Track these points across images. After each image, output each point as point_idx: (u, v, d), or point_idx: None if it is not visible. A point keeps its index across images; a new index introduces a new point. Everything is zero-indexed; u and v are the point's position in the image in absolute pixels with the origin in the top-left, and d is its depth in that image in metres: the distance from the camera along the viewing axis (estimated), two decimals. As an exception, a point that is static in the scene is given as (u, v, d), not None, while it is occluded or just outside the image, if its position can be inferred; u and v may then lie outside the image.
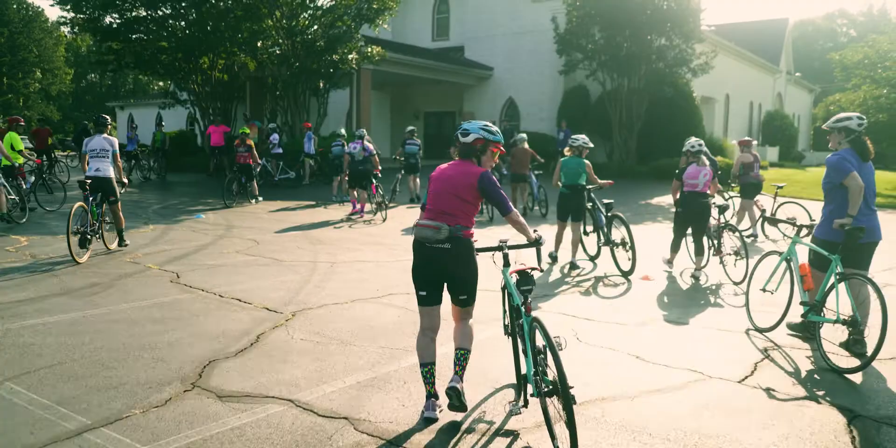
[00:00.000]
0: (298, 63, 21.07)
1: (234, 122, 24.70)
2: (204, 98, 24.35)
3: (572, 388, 3.46)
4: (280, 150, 19.32)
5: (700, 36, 23.30)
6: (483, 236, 7.02)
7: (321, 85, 21.88)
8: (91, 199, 8.82)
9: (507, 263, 4.14)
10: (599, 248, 9.17)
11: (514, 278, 3.96)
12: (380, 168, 13.83)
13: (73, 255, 8.27)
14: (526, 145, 14.63)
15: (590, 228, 9.25)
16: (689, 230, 8.36)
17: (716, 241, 8.40)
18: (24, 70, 76.48)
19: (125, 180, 9.84)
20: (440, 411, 4.02)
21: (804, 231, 5.76)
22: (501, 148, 4.20)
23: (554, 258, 9.15)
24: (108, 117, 9.79)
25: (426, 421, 3.97)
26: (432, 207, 4.05)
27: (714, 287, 7.98)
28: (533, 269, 3.94)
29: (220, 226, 12.04)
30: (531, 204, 14.79)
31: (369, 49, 21.55)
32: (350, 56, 21.17)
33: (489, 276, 5.21)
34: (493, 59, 28.72)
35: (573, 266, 8.86)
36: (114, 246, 9.42)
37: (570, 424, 3.40)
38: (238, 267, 8.39)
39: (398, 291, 7.25)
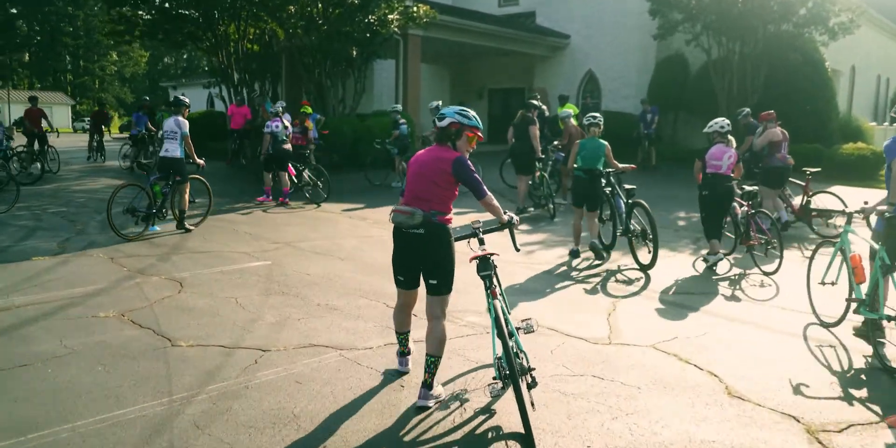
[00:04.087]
0: (327, 26, 17.03)
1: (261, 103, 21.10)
2: (230, 73, 20.77)
3: (533, 369, 3.78)
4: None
5: (839, -15, 18.08)
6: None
7: (354, 53, 17.79)
8: (154, 178, 9.17)
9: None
10: (615, 238, 8.36)
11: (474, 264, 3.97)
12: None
13: (114, 230, 8.59)
14: (573, 121, 12.75)
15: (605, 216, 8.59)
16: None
17: (743, 229, 7.84)
18: (100, 52, 76.10)
19: (199, 162, 9.56)
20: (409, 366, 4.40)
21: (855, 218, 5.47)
22: (479, 134, 4.07)
23: (576, 254, 8.28)
24: (184, 99, 9.67)
25: (398, 373, 4.36)
26: (409, 192, 4.01)
27: (735, 277, 7.42)
28: (492, 254, 3.94)
29: (161, 248, 8.20)
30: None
31: (415, 8, 17.34)
32: (391, 16, 17.01)
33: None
34: (570, 26, 23.97)
35: (597, 252, 8.07)
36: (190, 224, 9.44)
37: (521, 408, 3.45)
38: (69, 366, 4.43)
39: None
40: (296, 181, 12.52)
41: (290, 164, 12.34)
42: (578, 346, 5.03)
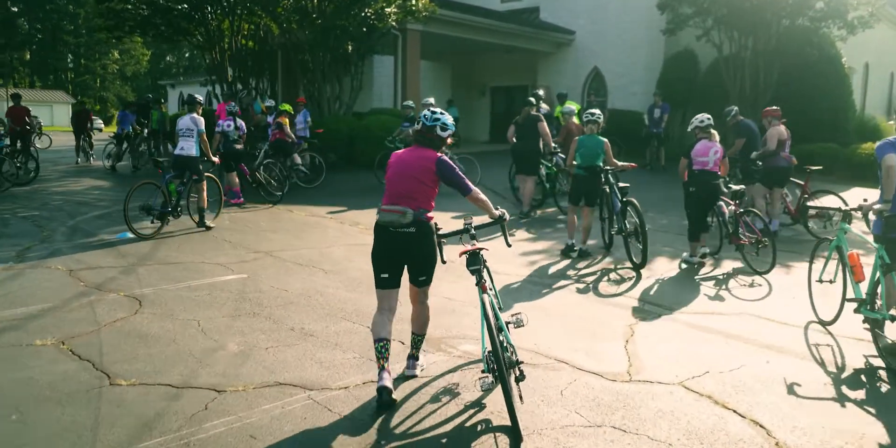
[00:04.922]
0: (322, 20, 16.27)
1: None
2: (223, 70, 20.05)
3: (521, 363, 3.74)
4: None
5: (857, -23, 17.23)
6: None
7: (349, 48, 17.03)
8: (169, 176, 9.05)
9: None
10: (612, 236, 8.44)
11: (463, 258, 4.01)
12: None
13: (131, 229, 8.39)
14: (575, 119, 11.67)
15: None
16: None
17: (731, 227, 7.72)
18: (101, 51, 75.44)
19: (214, 159, 9.72)
20: (391, 383, 3.95)
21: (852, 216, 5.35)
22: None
23: (575, 250, 8.11)
24: (198, 96, 9.75)
25: (375, 414, 3.83)
26: (392, 191, 4.08)
27: (724, 276, 7.26)
28: (481, 249, 4.00)
29: (128, 259, 7.44)
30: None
31: (413, 2, 16.57)
32: (388, 10, 16.24)
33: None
34: (575, 21, 23.17)
35: (582, 254, 8.06)
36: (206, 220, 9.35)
37: (507, 402, 3.48)
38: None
39: None
40: (249, 180, 12.15)
41: (242, 164, 12.00)
42: (593, 384, 4.26)
